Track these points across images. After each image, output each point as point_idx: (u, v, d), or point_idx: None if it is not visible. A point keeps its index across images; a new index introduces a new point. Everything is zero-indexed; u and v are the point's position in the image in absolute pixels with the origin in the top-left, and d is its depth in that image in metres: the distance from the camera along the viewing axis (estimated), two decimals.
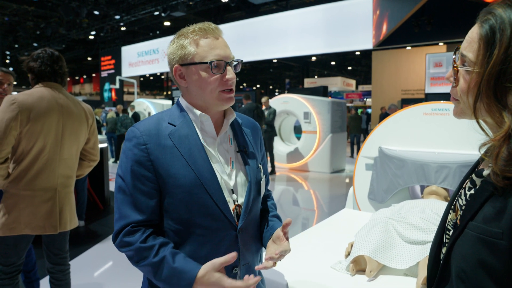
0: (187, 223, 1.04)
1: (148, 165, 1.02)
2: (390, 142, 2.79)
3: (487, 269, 0.63)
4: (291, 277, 1.55)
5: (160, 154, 1.03)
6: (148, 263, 0.99)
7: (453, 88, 0.74)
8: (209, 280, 0.94)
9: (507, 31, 0.63)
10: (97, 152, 2.36)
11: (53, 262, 2.19)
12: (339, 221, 2.41)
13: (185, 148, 1.04)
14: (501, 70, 0.63)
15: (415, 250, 1.62)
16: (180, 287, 0.96)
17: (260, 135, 1.28)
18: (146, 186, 1.02)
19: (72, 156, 2.16)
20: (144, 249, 0.99)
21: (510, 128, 0.62)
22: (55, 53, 2.10)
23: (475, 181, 0.73)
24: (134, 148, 1.03)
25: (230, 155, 1.14)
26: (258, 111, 7.38)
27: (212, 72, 1.04)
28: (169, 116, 1.10)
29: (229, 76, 1.06)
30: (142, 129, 1.05)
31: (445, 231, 0.79)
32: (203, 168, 1.04)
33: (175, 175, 1.02)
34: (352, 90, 23.97)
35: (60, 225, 2.07)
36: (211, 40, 1.05)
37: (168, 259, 0.98)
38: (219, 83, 1.05)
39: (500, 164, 0.62)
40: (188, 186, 1.02)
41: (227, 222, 1.06)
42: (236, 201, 1.11)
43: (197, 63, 1.04)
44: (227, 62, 1.06)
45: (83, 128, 2.20)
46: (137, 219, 1.02)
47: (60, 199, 2.08)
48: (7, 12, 16.84)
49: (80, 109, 2.19)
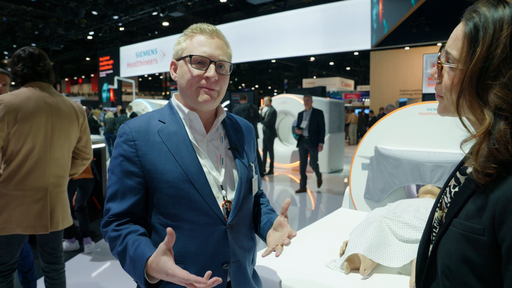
0: (175, 218, 1.06)
1: (136, 161, 1.05)
2: (386, 141, 2.80)
3: (470, 265, 0.65)
4: (286, 275, 1.56)
5: (148, 150, 1.06)
6: (115, 252, 1.02)
7: (437, 85, 0.75)
8: (157, 265, 0.90)
9: (490, 30, 0.64)
10: (90, 151, 2.34)
11: (48, 262, 2.19)
12: (334, 220, 2.42)
13: (173, 144, 1.07)
14: (483, 68, 0.64)
15: (409, 248, 1.63)
16: (138, 276, 0.95)
17: (254, 136, 1.31)
18: (132, 181, 1.05)
19: (64, 155, 2.15)
20: (113, 238, 1.02)
21: (490, 125, 0.63)
22: (35, 53, 2.04)
23: (459, 179, 0.75)
24: (124, 144, 1.07)
25: (220, 152, 1.16)
26: (250, 111, 7.36)
27: (192, 66, 1.06)
28: (160, 114, 1.13)
29: (209, 74, 1.06)
30: (132, 126, 1.08)
31: (432, 229, 0.80)
32: (190, 164, 1.06)
33: (162, 170, 1.04)
34: (350, 90, 23.99)
35: (51, 225, 2.06)
36: (204, 38, 1.08)
37: (129, 247, 0.98)
38: (199, 79, 1.07)
39: (481, 160, 0.64)
40: (175, 181, 1.04)
41: (216, 217, 1.08)
42: (225, 197, 1.12)
43: (184, 57, 1.08)
44: (211, 60, 1.07)
45: (73, 127, 2.18)
46: (116, 211, 1.05)
47: (52, 199, 2.07)
48: (5, 12, 16.82)
49: (70, 107, 2.16)
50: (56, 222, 2.09)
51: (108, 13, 16.12)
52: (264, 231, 1.18)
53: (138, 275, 0.94)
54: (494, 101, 0.63)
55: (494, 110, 0.63)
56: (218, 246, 1.08)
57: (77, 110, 2.21)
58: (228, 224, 1.09)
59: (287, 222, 1.08)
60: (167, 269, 0.88)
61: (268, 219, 1.21)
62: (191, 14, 15.74)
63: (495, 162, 0.62)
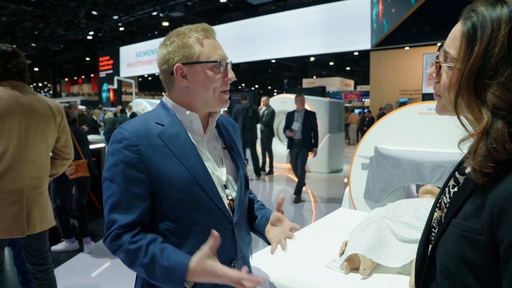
0: (185, 221, 1.05)
1: (141, 167, 1.00)
2: (386, 141, 2.80)
3: (469, 265, 0.65)
4: (285, 275, 1.56)
5: (153, 154, 1.01)
6: (139, 264, 0.98)
7: (436, 84, 0.75)
8: (203, 269, 0.92)
9: (488, 29, 0.64)
10: (70, 150, 2.27)
11: (33, 263, 2.14)
12: (334, 220, 2.42)
13: (177, 147, 1.04)
14: (481, 67, 0.64)
15: (409, 248, 1.63)
16: (174, 284, 0.95)
17: (239, 133, 1.32)
18: (139, 188, 1.01)
19: (42, 156, 2.08)
20: (133, 251, 0.98)
21: (488, 124, 0.63)
22: (7, 50, 1.97)
23: (458, 179, 0.75)
24: (125, 150, 1.00)
25: (218, 152, 1.17)
26: (249, 111, 7.35)
27: (218, 72, 1.06)
28: (156, 116, 1.08)
29: (231, 75, 1.09)
30: (131, 130, 1.02)
31: (431, 229, 0.80)
32: (197, 166, 1.05)
33: (170, 174, 1.01)
34: (350, 90, 23.99)
35: (28, 228, 1.99)
36: (212, 40, 1.08)
37: (158, 258, 0.96)
38: (222, 82, 1.08)
39: (478, 159, 0.64)
40: (183, 184, 1.02)
41: (223, 217, 1.08)
42: (229, 196, 1.13)
43: (203, 62, 1.05)
44: (227, 62, 1.09)
45: (50, 126, 2.10)
46: (125, 222, 1.00)
47: (28, 201, 1.99)
48: (5, 12, 16.82)
49: (46, 107, 2.08)
50: (33, 225, 2.01)
51: (108, 13, 16.12)
52: (260, 227, 1.20)
53: (177, 282, 0.94)
54: (492, 100, 0.63)
55: (492, 109, 0.63)
56: (227, 244, 1.09)
57: (54, 109, 2.12)
58: (235, 222, 1.11)
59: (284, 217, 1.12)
60: (217, 271, 0.91)
61: (263, 214, 1.23)
62: (191, 14, 15.73)
63: (493, 161, 0.62)
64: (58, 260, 3.52)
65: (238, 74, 31.48)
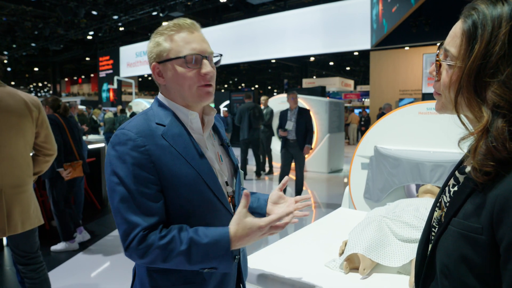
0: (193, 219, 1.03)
1: (151, 167, 0.97)
2: (386, 141, 2.80)
3: (469, 264, 0.64)
4: (285, 275, 1.56)
5: (161, 154, 0.99)
6: (177, 253, 0.95)
7: (436, 82, 0.75)
8: (244, 228, 0.96)
9: (489, 27, 0.64)
10: (52, 146, 2.18)
11: (22, 263, 2.10)
12: (334, 220, 2.42)
13: (181, 147, 1.03)
14: (481, 65, 0.64)
15: (408, 248, 1.63)
16: (220, 257, 0.96)
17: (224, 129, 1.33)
18: (151, 189, 0.98)
19: (21, 153, 1.99)
20: (167, 244, 0.95)
21: (488, 122, 0.63)
22: None
23: (458, 178, 0.74)
24: (132, 151, 0.97)
25: (217, 149, 1.17)
26: (255, 111, 7.36)
27: (188, 67, 1.02)
28: (155, 116, 1.05)
29: (206, 70, 1.03)
30: (135, 130, 0.99)
31: (431, 229, 0.80)
32: (202, 165, 1.05)
33: (178, 174, 1.00)
34: (350, 90, 23.99)
35: (8, 228, 1.91)
36: (186, 34, 1.03)
37: (195, 239, 0.96)
38: (197, 78, 1.03)
39: (478, 158, 0.63)
40: (192, 184, 1.01)
41: (227, 213, 1.09)
42: (229, 192, 1.15)
43: (172, 59, 1.03)
44: (203, 56, 1.03)
45: (26, 121, 2.00)
46: (148, 224, 0.96)
47: (8, 201, 1.91)
48: (5, 12, 16.81)
49: (20, 101, 1.98)
50: (14, 224, 1.94)
51: (108, 13, 16.11)
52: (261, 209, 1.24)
53: (223, 254, 0.96)
54: (492, 98, 0.63)
55: (492, 107, 0.63)
56: None
57: (28, 103, 2.01)
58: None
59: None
60: (259, 223, 0.95)
61: (258, 197, 1.26)
62: (191, 14, 15.72)
63: (492, 159, 0.62)
64: (58, 260, 3.52)
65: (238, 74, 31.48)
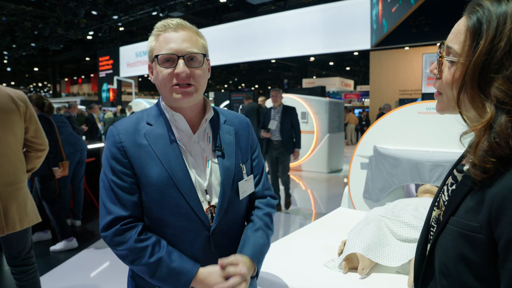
0: (159, 222, 1.06)
1: (125, 163, 1.04)
2: (385, 141, 2.80)
3: (467, 263, 0.64)
4: (284, 275, 1.56)
5: (135, 152, 1.04)
6: (144, 263, 1.00)
7: (436, 81, 0.74)
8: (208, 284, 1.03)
9: (494, 23, 0.64)
10: (43, 141, 2.14)
11: (13, 265, 2.06)
12: (333, 220, 2.42)
13: (159, 148, 1.05)
14: (486, 61, 0.64)
15: (407, 248, 1.63)
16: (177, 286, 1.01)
17: (251, 130, 1.23)
18: (125, 182, 1.04)
19: (12, 149, 1.95)
20: (139, 249, 1.01)
21: (492, 118, 0.62)
22: None
23: (456, 177, 0.74)
24: (112, 146, 1.05)
25: (207, 154, 1.12)
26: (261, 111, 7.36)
27: (162, 66, 1.03)
28: (147, 116, 1.11)
29: (177, 70, 1.02)
30: (120, 127, 1.07)
31: (430, 228, 0.80)
32: (177, 168, 1.04)
33: (148, 173, 1.03)
34: (350, 90, 24.00)
35: (6, 226, 1.89)
36: (169, 34, 1.04)
37: (165, 259, 1.01)
38: (169, 77, 1.03)
39: (479, 154, 0.63)
40: (160, 185, 1.03)
41: (200, 223, 1.06)
42: (210, 201, 1.09)
43: (153, 58, 1.06)
44: (179, 56, 1.02)
45: (13, 116, 1.96)
46: (121, 214, 1.03)
47: (4, 198, 1.89)
48: (5, 12, 16.82)
49: (5, 96, 1.93)
50: (12, 223, 1.91)
51: (107, 13, 16.12)
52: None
53: (181, 285, 1.01)
54: (496, 94, 0.62)
55: (496, 103, 0.63)
56: (202, 252, 1.07)
57: (14, 98, 1.97)
58: (213, 229, 1.07)
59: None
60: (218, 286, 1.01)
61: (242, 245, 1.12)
62: (191, 14, 15.72)
63: (494, 156, 0.61)
64: (57, 260, 3.51)
65: (238, 74, 31.48)
